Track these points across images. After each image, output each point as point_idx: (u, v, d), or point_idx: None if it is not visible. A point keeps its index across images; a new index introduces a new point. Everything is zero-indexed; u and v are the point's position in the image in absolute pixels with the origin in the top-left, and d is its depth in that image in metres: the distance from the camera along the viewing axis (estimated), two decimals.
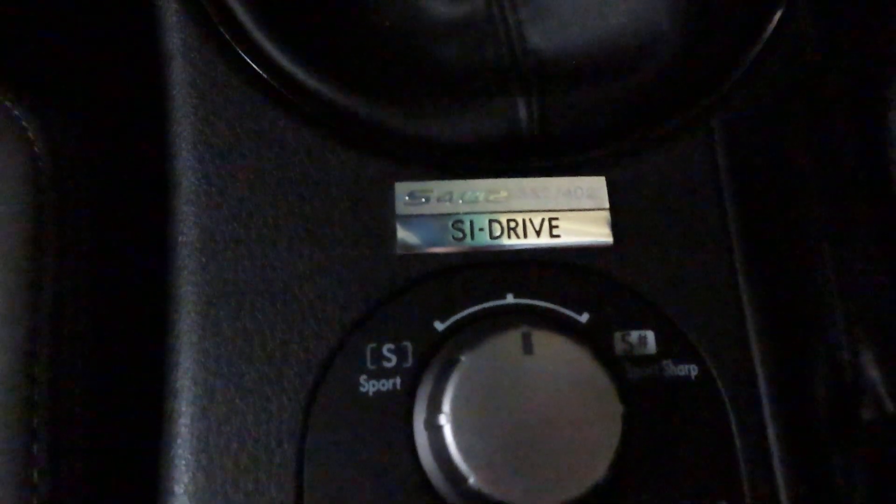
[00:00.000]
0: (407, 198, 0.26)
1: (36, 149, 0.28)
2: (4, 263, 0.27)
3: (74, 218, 0.28)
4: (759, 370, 0.25)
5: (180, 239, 0.26)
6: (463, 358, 0.22)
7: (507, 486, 0.21)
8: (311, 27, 0.29)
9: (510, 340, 0.22)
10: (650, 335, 0.25)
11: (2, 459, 0.24)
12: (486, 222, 0.26)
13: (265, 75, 0.27)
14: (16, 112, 0.29)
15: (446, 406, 0.21)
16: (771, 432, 0.24)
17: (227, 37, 0.27)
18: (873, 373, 0.25)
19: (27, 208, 0.27)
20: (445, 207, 0.26)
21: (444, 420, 0.21)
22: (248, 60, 0.27)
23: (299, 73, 0.27)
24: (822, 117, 0.28)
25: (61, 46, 0.32)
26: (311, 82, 0.27)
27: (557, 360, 0.22)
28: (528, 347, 0.22)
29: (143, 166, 0.29)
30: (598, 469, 0.21)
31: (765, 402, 0.25)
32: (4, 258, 0.27)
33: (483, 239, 0.26)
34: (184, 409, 0.24)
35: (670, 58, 0.28)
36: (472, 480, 0.21)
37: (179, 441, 0.24)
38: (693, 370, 0.25)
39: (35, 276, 0.26)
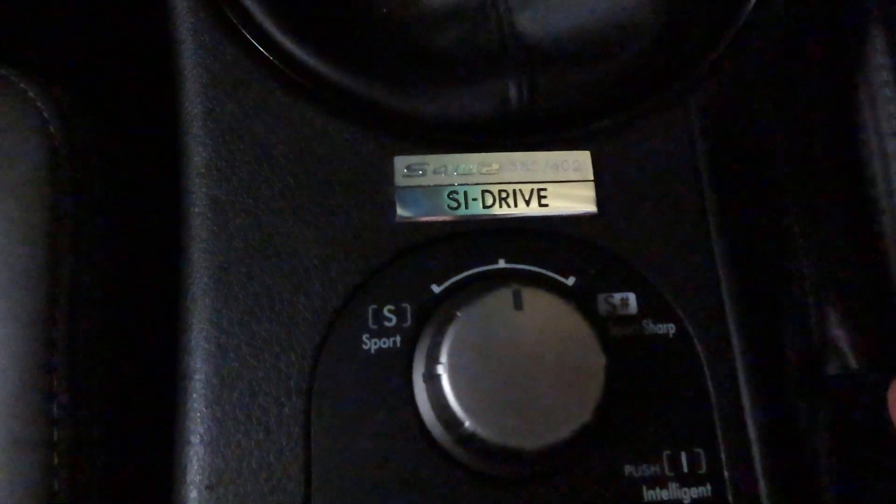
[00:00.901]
0: (405, 170, 0.28)
1: (51, 129, 0.30)
2: (25, 236, 0.28)
3: (90, 194, 0.29)
4: (733, 329, 0.27)
5: (193, 210, 0.27)
6: (458, 313, 0.24)
7: (499, 429, 0.23)
8: (313, 12, 0.30)
9: (502, 297, 0.24)
10: (632, 297, 0.27)
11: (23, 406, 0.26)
12: (479, 193, 0.28)
13: (271, 57, 0.29)
14: (31, 94, 0.30)
15: (443, 357, 0.23)
16: (743, 385, 0.26)
17: (234, 21, 0.29)
18: (837, 331, 0.27)
19: (45, 187, 0.28)
20: (441, 179, 0.28)
21: (442, 370, 0.23)
22: (255, 44, 0.29)
23: (303, 55, 0.29)
24: (793, 96, 0.30)
25: (75, 31, 0.33)
26: (315, 63, 0.29)
27: (545, 314, 0.24)
28: (518, 303, 0.24)
29: (155, 144, 0.31)
30: (583, 414, 0.23)
31: (737, 357, 0.26)
32: (24, 233, 0.28)
33: (476, 208, 0.27)
34: (198, 365, 0.25)
35: (650, 42, 0.30)
36: (467, 424, 0.23)
37: (195, 395, 0.25)
38: (671, 329, 0.27)
39: (53, 249, 0.28)
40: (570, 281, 0.27)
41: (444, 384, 0.23)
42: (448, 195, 0.27)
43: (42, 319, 0.27)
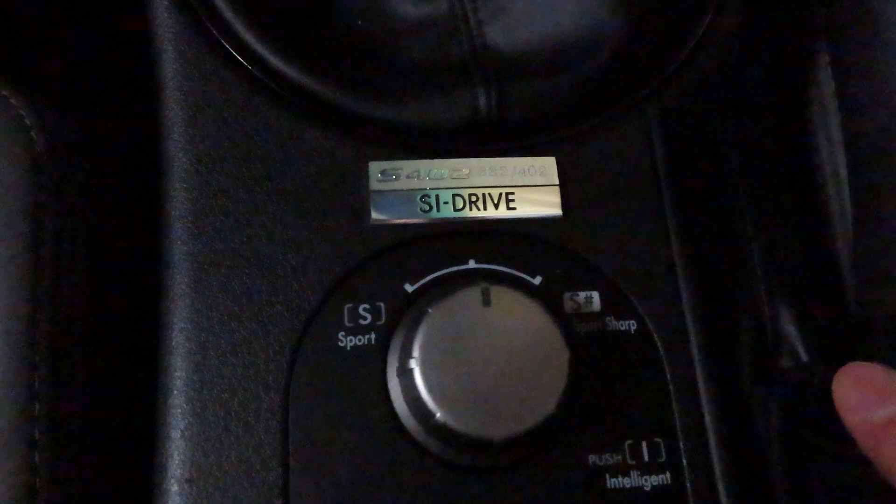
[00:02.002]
0: (379, 175, 0.29)
1: (33, 135, 0.30)
2: (7, 239, 0.28)
3: (72, 198, 0.29)
4: (690, 325, 0.28)
5: (174, 213, 0.28)
6: (430, 310, 0.25)
7: (469, 420, 0.24)
8: (290, 23, 0.31)
9: (471, 294, 0.25)
10: (595, 295, 0.28)
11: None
12: (451, 196, 0.29)
13: (249, 66, 0.30)
14: (13, 102, 0.31)
15: (416, 352, 0.24)
16: (700, 378, 0.27)
17: (214, 31, 0.30)
18: (789, 327, 0.29)
19: (27, 192, 0.29)
20: (414, 184, 0.29)
21: (414, 364, 0.24)
22: (235, 54, 0.30)
23: (280, 64, 0.30)
24: (746, 105, 0.32)
25: (57, 39, 0.34)
26: (292, 72, 0.30)
27: (512, 311, 0.25)
28: (486, 300, 0.25)
29: (136, 149, 0.32)
30: (548, 405, 0.24)
31: (695, 353, 0.28)
32: (6, 236, 0.28)
33: (447, 211, 0.29)
34: (179, 363, 0.26)
35: (611, 54, 0.31)
36: (438, 416, 0.24)
37: (175, 392, 0.26)
38: (632, 325, 0.28)
39: (35, 252, 0.28)
40: (537, 280, 0.28)
41: (416, 378, 0.24)
42: (420, 199, 0.29)
43: (24, 320, 0.28)
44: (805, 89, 0.32)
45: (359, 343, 0.27)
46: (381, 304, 0.27)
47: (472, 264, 0.28)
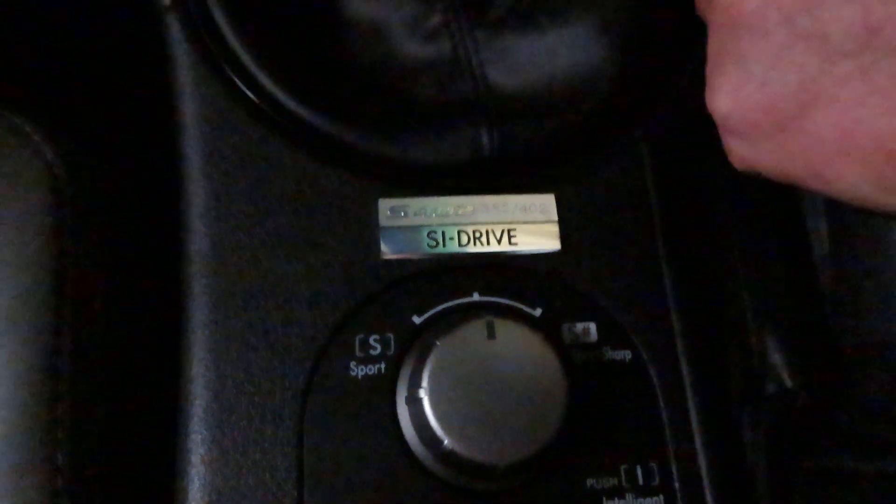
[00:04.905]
0: (388, 212, 0.30)
1: (55, 170, 0.32)
2: (31, 271, 0.30)
3: (93, 230, 0.31)
4: (682, 354, 0.30)
5: (193, 248, 0.30)
6: (438, 342, 0.26)
7: (475, 447, 0.25)
8: (302, 66, 0.33)
9: (477, 327, 0.27)
10: (592, 326, 0.30)
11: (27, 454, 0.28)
12: (456, 232, 0.30)
13: (264, 107, 0.31)
14: (36, 137, 0.32)
15: (425, 382, 0.26)
16: (691, 405, 0.29)
17: (230, 73, 0.32)
18: (775, 355, 0.31)
19: (49, 224, 0.30)
20: (421, 220, 0.30)
21: (423, 393, 0.26)
22: (251, 95, 0.31)
23: (293, 105, 0.31)
24: None
25: (79, 75, 0.35)
26: (304, 113, 0.31)
27: (515, 343, 0.27)
28: (491, 333, 0.26)
29: (153, 183, 0.33)
30: (548, 432, 0.26)
31: (686, 380, 0.29)
32: (30, 268, 0.30)
33: (453, 246, 0.30)
34: (199, 391, 0.28)
35: (606, 95, 0.33)
36: (446, 443, 0.25)
37: (196, 420, 0.28)
38: (627, 355, 0.30)
39: (58, 284, 0.29)
40: (537, 312, 0.30)
41: (425, 407, 0.26)
42: (427, 235, 0.30)
43: (47, 350, 0.29)
44: None
45: (369, 373, 0.28)
46: (391, 335, 0.29)
47: (476, 297, 0.29)
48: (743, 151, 0.25)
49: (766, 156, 0.24)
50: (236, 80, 0.32)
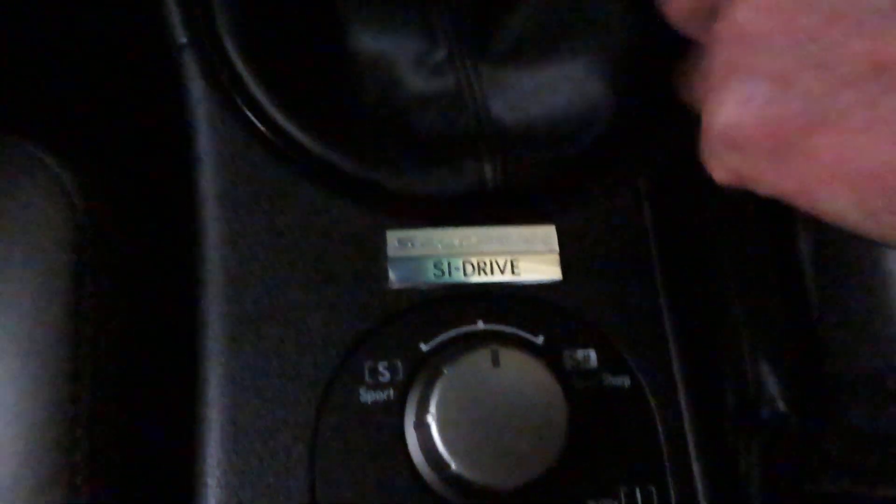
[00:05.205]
0: (396, 243, 0.32)
1: (74, 200, 0.33)
2: (49, 300, 0.31)
3: (111, 259, 0.32)
4: (679, 380, 0.31)
5: (209, 277, 0.31)
6: (445, 370, 0.28)
7: (480, 471, 0.26)
8: (313, 100, 0.34)
9: (482, 356, 0.28)
10: (592, 353, 0.31)
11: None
12: (461, 263, 0.32)
13: (277, 140, 0.33)
14: (56, 169, 0.33)
15: (432, 408, 0.27)
16: (688, 429, 0.30)
17: (244, 108, 0.33)
18: (769, 380, 0.32)
19: (68, 254, 0.31)
20: (428, 251, 0.32)
21: (431, 419, 0.27)
22: (262, 128, 0.33)
23: (305, 139, 0.32)
24: None
25: (98, 107, 0.37)
26: (315, 146, 0.32)
27: (519, 371, 0.28)
28: (496, 361, 0.28)
29: (169, 215, 0.34)
30: (551, 456, 0.27)
31: (683, 405, 0.30)
32: (49, 297, 0.31)
33: (458, 276, 0.32)
34: (215, 416, 0.29)
35: (604, 129, 0.34)
36: (453, 467, 0.26)
37: (212, 443, 0.29)
38: (626, 381, 0.31)
39: (76, 312, 0.30)
40: (540, 339, 0.31)
41: (433, 432, 0.27)
42: (434, 265, 0.31)
43: (66, 376, 0.30)
44: None
45: (378, 398, 0.29)
46: (399, 362, 0.30)
47: (480, 325, 0.31)
48: (735, 163, 0.25)
49: (760, 170, 0.24)
50: (249, 114, 0.33)
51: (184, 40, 0.34)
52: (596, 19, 0.35)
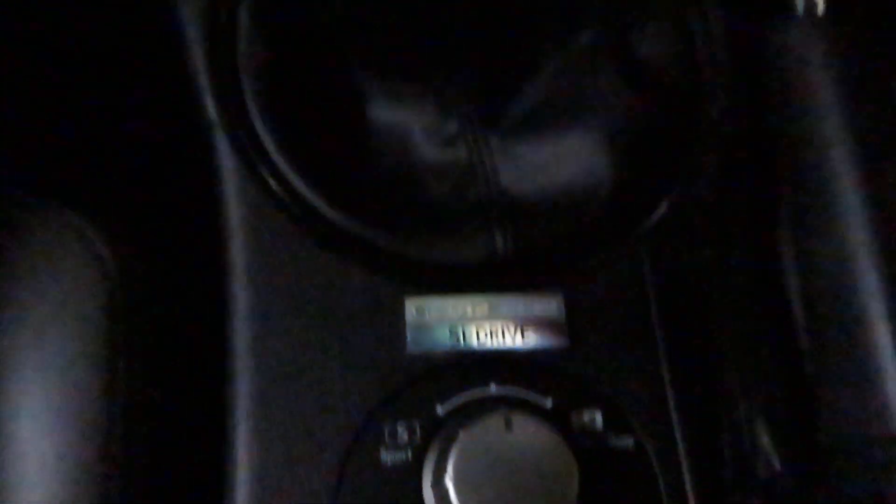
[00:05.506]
0: (414, 311, 0.34)
1: (109, 269, 0.35)
2: (83, 357, 0.32)
3: (142, 328, 0.33)
4: (679, 441, 0.33)
5: (238, 344, 0.33)
6: (461, 434, 0.29)
7: None
8: (334, 174, 0.36)
9: (495, 420, 0.30)
10: (598, 415, 0.33)
11: None
12: (474, 329, 0.34)
13: (301, 212, 0.35)
14: (94, 238, 0.35)
15: (450, 469, 0.29)
16: (688, 487, 0.32)
17: (271, 182, 0.35)
18: (765, 440, 0.34)
19: (100, 311, 0.33)
20: (443, 318, 0.34)
21: (448, 480, 0.29)
22: (288, 201, 0.35)
23: (329, 212, 0.35)
24: (726, 247, 0.37)
25: (134, 180, 0.39)
26: (339, 218, 0.35)
27: (530, 435, 0.30)
28: (508, 426, 0.30)
29: (199, 283, 0.36)
30: None
31: (684, 464, 0.32)
32: (83, 353, 0.32)
33: (472, 341, 0.34)
34: (243, 475, 0.31)
35: (608, 200, 0.36)
36: None
37: (240, 500, 0.30)
38: (630, 442, 0.33)
39: (110, 369, 0.32)
40: (548, 401, 0.33)
41: (450, 492, 0.29)
42: (449, 331, 0.33)
43: (100, 437, 0.32)
44: (775, 228, 0.37)
45: (397, 459, 0.31)
46: (417, 424, 0.32)
47: (493, 388, 0.33)
48: None
49: None
50: (276, 187, 0.35)
51: (214, 117, 0.36)
52: (601, 97, 0.38)
